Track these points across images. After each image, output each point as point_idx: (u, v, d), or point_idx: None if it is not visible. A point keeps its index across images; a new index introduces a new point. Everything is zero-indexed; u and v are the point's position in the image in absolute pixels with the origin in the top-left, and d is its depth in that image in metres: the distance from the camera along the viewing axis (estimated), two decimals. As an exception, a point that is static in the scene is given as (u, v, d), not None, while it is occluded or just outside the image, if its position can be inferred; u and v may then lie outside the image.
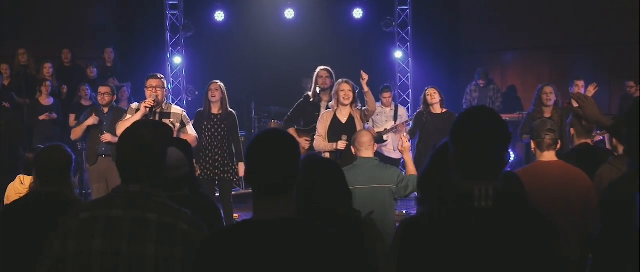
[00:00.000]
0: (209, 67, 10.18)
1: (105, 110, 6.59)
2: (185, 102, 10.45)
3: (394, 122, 8.17)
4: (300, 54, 10.24)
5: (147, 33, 10.93)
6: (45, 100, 8.83)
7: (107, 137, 6.32)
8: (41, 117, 8.59)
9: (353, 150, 4.59)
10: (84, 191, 7.61)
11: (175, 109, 5.98)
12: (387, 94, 8.38)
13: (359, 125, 6.00)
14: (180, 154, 3.03)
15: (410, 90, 10.61)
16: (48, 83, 8.82)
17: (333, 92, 6.11)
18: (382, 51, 10.78)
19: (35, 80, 9.15)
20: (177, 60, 10.73)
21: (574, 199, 3.55)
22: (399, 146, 4.76)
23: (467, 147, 1.88)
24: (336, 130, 5.94)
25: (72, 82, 9.55)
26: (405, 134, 5.97)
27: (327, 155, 5.78)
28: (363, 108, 6.16)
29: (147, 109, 5.67)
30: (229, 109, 6.57)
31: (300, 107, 6.90)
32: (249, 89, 10.09)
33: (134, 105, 5.98)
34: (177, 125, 5.87)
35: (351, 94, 5.98)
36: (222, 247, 1.89)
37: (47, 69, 9.29)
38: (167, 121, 5.73)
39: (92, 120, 6.41)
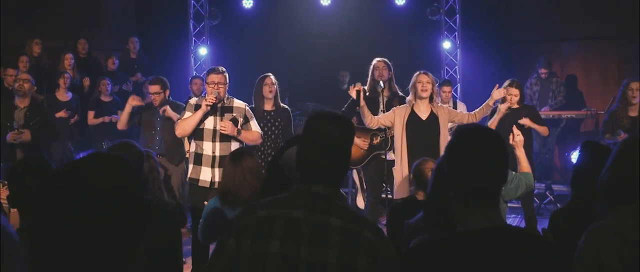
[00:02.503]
0: (237, 59, 9.58)
1: (161, 111, 6.21)
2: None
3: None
4: (337, 44, 9.59)
5: (169, 21, 10.16)
6: (63, 95, 7.87)
7: (169, 111, 6.12)
8: (58, 114, 7.58)
9: None
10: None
11: (238, 103, 5.39)
12: (446, 88, 7.78)
13: (443, 125, 5.45)
14: None
15: (459, 84, 9.70)
16: (66, 76, 7.88)
17: (410, 85, 5.60)
18: (428, 41, 9.92)
19: (54, 73, 8.22)
20: (202, 51, 9.94)
21: None
22: (510, 140, 4.23)
23: None
24: (415, 128, 5.42)
25: (88, 75, 8.70)
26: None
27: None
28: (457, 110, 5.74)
29: (209, 107, 5.13)
30: (282, 105, 6.12)
31: (355, 103, 6.18)
32: (281, 83, 9.15)
33: (192, 100, 5.40)
34: (241, 120, 5.29)
35: (430, 86, 5.46)
36: (435, 259, 1.84)
37: (68, 60, 8.37)
38: (229, 116, 5.22)
39: (131, 102, 6.17)
